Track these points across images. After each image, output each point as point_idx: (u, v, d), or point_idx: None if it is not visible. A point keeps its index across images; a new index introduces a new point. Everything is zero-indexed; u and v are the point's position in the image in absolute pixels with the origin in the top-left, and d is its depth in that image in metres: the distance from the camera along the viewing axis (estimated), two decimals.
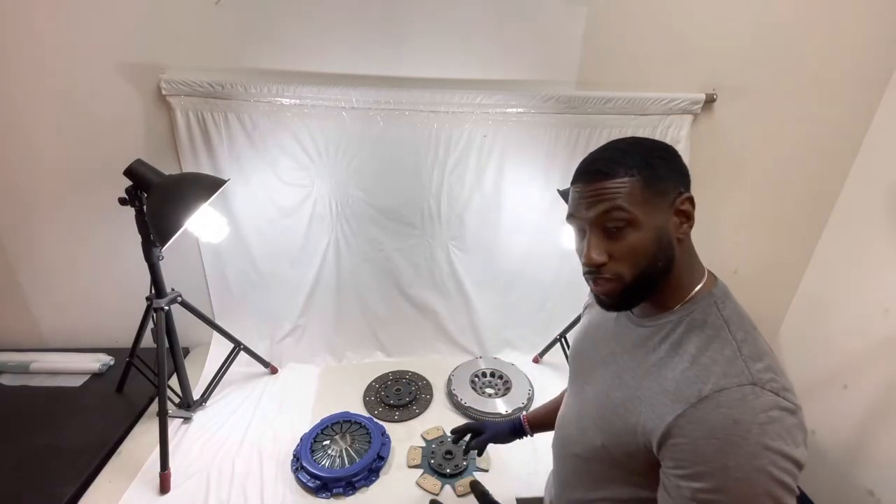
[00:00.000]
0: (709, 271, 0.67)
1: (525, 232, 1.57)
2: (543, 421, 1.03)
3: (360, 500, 1.13)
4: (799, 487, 1.91)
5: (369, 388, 1.51)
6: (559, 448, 0.81)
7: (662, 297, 0.65)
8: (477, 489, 1.05)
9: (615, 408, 0.66)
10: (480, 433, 1.04)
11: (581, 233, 0.66)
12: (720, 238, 1.68)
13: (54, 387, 1.41)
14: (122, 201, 1.10)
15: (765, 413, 0.53)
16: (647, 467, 0.62)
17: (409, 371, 1.59)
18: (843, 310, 1.61)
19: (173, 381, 1.35)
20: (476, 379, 1.54)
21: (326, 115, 1.37)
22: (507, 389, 1.51)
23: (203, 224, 1.20)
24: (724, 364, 0.57)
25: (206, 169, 1.38)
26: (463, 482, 1.17)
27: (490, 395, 1.48)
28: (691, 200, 0.62)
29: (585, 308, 0.90)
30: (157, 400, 1.22)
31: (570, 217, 0.67)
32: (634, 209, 0.60)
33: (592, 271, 0.63)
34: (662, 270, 0.62)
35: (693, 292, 0.63)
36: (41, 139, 1.36)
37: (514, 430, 1.04)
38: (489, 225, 1.56)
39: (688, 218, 0.62)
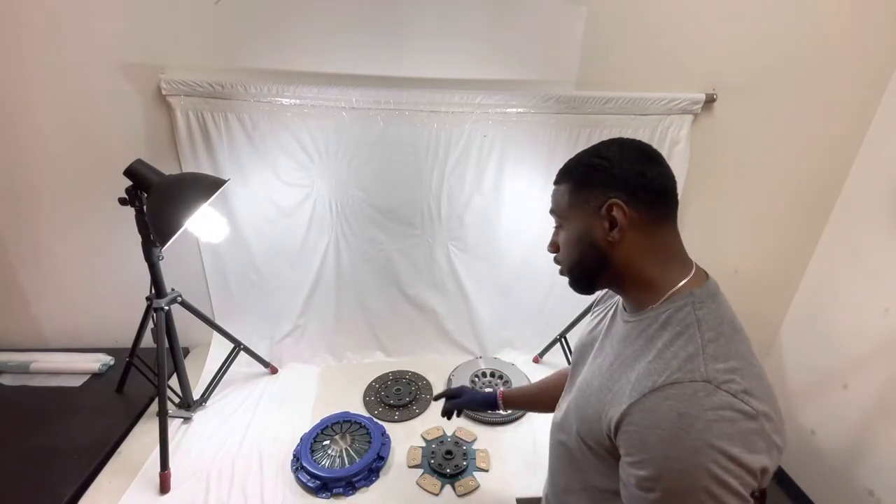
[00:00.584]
0: (703, 272, 0.68)
1: (525, 232, 1.57)
2: (519, 400, 1.12)
3: (360, 500, 1.13)
4: (799, 487, 1.91)
5: (369, 388, 1.51)
6: (551, 435, 0.84)
7: (636, 293, 0.68)
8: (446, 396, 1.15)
9: (589, 395, 0.69)
10: (458, 398, 1.12)
11: None
12: (720, 238, 1.68)
13: (54, 387, 1.41)
14: (122, 201, 1.10)
15: (714, 411, 0.53)
16: (612, 456, 0.64)
17: (409, 371, 1.59)
18: (843, 310, 1.61)
19: (173, 381, 1.34)
20: (476, 379, 1.54)
21: (326, 115, 1.37)
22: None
23: (203, 224, 1.20)
24: (684, 359, 0.58)
25: (206, 169, 1.38)
26: (463, 482, 1.17)
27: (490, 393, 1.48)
28: (619, 207, 0.63)
29: (594, 304, 0.91)
30: (157, 400, 1.22)
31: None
32: (561, 212, 0.72)
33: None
34: (595, 267, 0.68)
35: (672, 291, 0.64)
36: (41, 139, 1.36)
37: (487, 401, 1.11)
38: (489, 225, 1.56)
39: (612, 224, 0.64)
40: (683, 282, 0.64)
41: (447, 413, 1.11)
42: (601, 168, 0.66)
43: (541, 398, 1.04)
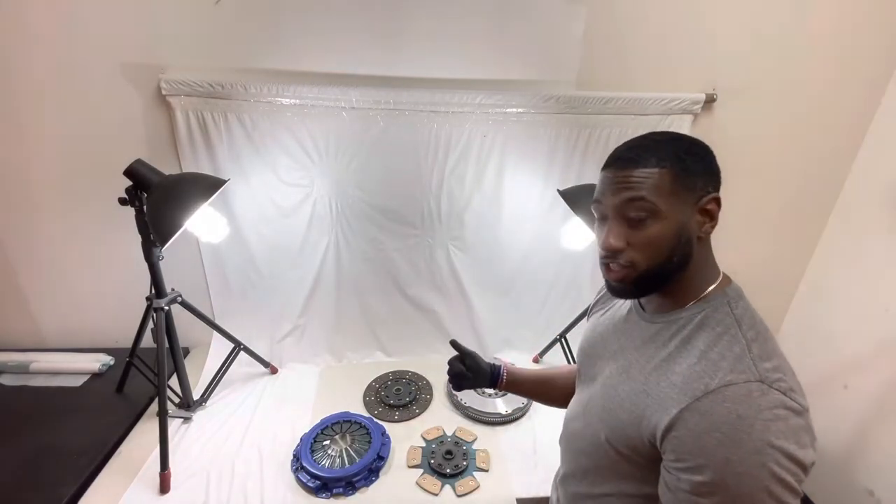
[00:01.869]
0: (723, 273, 0.68)
1: (525, 232, 1.57)
2: (524, 384, 1.02)
3: (360, 500, 1.13)
4: None
5: (369, 388, 1.51)
6: (565, 443, 0.82)
7: (676, 293, 0.65)
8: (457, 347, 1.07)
9: (621, 401, 0.66)
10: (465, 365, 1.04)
11: (603, 219, 0.66)
12: (720, 238, 1.65)
13: (54, 387, 1.41)
14: (122, 201, 1.10)
15: (770, 410, 0.53)
16: (649, 462, 0.63)
17: (409, 371, 1.59)
18: (844, 310, 1.61)
19: (173, 381, 1.34)
20: None
21: (326, 115, 1.37)
22: None
23: (203, 224, 1.20)
24: (732, 360, 0.57)
25: (206, 169, 1.38)
26: (463, 482, 1.17)
27: (490, 395, 1.48)
28: (717, 201, 0.62)
29: (592, 307, 0.90)
30: (157, 400, 1.22)
31: (596, 202, 0.67)
32: (659, 201, 0.60)
33: (608, 257, 0.64)
34: (677, 266, 0.62)
35: (707, 291, 0.64)
36: (41, 139, 1.36)
37: (491, 379, 1.02)
38: (489, 225, 1.56)
39: (711, 218, 0.63)
40: (716, 283, 0.64)
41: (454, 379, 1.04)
42: (698, 156, 0.62)
43: (548, 389, 0.99)
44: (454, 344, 1.07)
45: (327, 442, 1.26)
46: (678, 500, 0.57)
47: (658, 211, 0.60)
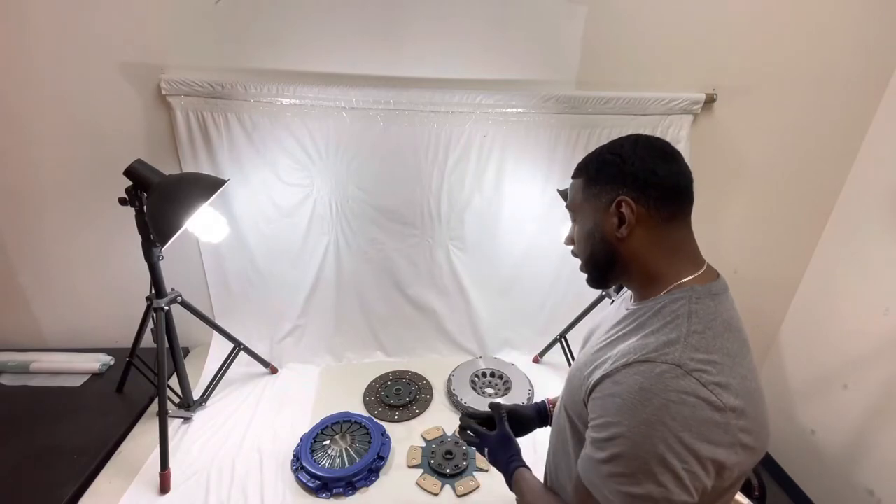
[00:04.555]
0: (715, 273, 0.68)
1: (525, 232, 1.57)
2: None
3: (360, 500, 1.13)
4: (799, 487, 1.90)
5: (369, 388, 1.51)
6: (553, 419, 0.86)
7: (640, 286, 0.69)
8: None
9: (578, 370, 0.71)
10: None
11: None
12: (720, 238, 1.68)
13: (54, 387, 1.41)
14: (122, 201, 1.10)
15: (677, 393, 0.54)
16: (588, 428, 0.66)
17: (409, 371, 1.59)
18: (843, 310, 1.61)
19: (173, 381, 1.35)
20: (476, 379, 1.54)
21: (326, 115, 1.37)
22: (507, 389, 1.51)
23: (203, 224, 1.20)
24: (663, 343, 0.59)
25: (206, 169, 1.38)
26: (463, 482, 1.17)
27: (490, 395, 1.48)
28: (627, 203, 0.64)
29: (594, 303, 0.92)
30: (157, 400, 1.22)
31: None
32: (574, 206, 0.72)
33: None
34: (604, 261, 0.69)
35: (675, 285, 0.65)
36: (41, 139, 1.36)
37: (539, 418, 1.01)
38: (489, 225, 1.56)
39: (621, 220, 0.65)
40: (689, 278, 0.65)
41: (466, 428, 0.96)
42: (613, 164, 0.66)
43: None
44: (494, 407, 0.98)
45: (327, 442, 1.26)
46: (585, 454, 0.62)
47: (576, 215, 0.73)
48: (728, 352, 0.59)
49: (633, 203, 0.64)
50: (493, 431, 0.93)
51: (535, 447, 1.29)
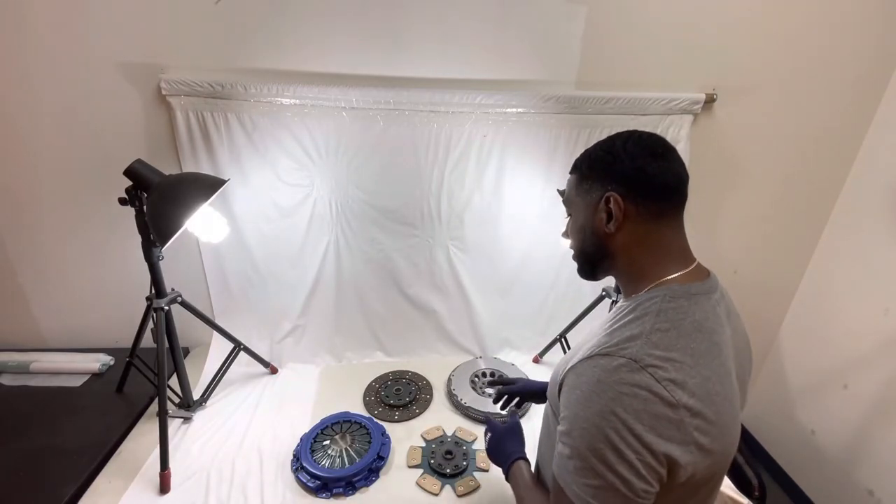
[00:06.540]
0: (705, 272, 0.68)
1: (525, 232, 1.57)
2: None
3: (360, 500, 1.13)
4: (799, 487, 1.90)
5: (369, 388, 1.51)
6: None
7: (627, 280, 0.71)
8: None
9: (558, 366, 0.73)
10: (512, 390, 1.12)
11: None
12: (720, 238, 1.68)
13: (54, 387, 1.40)
14: (122, 201, 1.10)
15: (629, 386, 0.56)
16: None
17: (409, 371, 1.59)
18: (843, 310, 1.61)
19: (173, 381, 1.34)
20: (476, 379, 1.54)
21: (326, 115, 1.37)
22: None
23: (203, 224, 1.20)
24: (625, 339, 0.60)
25: (206, 169, 1.38)
26: (463, 482, 1.17)
27: (490, 395, 1.48)
28: (615, 200, 0.65)
29: (591, 306, 0.93)
30: (157, 400, 1.22)
31: None
32: (569, 200, 0.76)
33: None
34: (594, 254, 0.72)
35: (655, 283, 0.65)
36: (41, 139, 1.36)
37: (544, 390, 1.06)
38: (489, 225, 1.56)
39: (609, 216, 0.67)
40: (673, 276, 0.65)
41: (499, 398, 1.13)
42: (604, 161, 0.68)
43: None
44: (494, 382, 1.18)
45: (327, 442, 1.26)
46: (556, 451, 0.64)
47: (570, 209, 0.76)
48: (692, 352, 0.59)
49: (622, 199, 0.65)
50: (515, 385, 1.09)
51: (535, 448, 1.29)
